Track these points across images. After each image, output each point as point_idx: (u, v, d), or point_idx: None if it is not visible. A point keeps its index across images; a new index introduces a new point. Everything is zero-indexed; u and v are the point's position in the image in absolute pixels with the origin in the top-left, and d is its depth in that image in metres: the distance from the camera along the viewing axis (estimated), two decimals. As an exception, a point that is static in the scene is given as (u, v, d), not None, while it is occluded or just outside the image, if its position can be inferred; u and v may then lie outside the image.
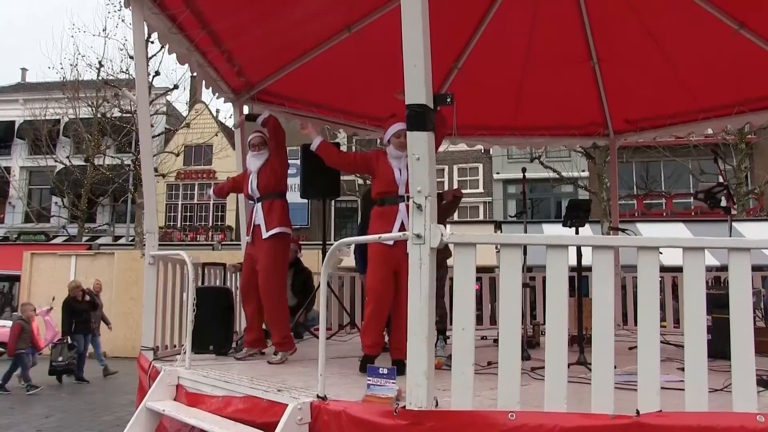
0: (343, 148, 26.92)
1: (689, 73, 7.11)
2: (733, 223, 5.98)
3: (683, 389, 2.95)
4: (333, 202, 27.68)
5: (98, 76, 23.60)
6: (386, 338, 4.91)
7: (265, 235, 5.46)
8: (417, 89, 3.11)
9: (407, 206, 4.07)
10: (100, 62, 23.62)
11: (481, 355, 5.17)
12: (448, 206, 6.07)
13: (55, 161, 26.63)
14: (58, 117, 27.63)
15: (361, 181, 28.32)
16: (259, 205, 5.59)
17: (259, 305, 5.56)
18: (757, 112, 7.56)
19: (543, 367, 3.06)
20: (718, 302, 4.88)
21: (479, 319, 9.02)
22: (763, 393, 3.68)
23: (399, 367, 3.57)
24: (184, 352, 4.93)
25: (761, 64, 6.64)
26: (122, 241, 27.17)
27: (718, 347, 3.62)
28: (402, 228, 4.47)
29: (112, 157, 25.77)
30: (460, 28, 7.05)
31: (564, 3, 6.64)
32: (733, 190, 19.73)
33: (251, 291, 5.58)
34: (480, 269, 7.54)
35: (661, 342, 3.55)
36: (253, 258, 5.57)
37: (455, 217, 28.22)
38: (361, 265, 6.49)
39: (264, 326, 5.83)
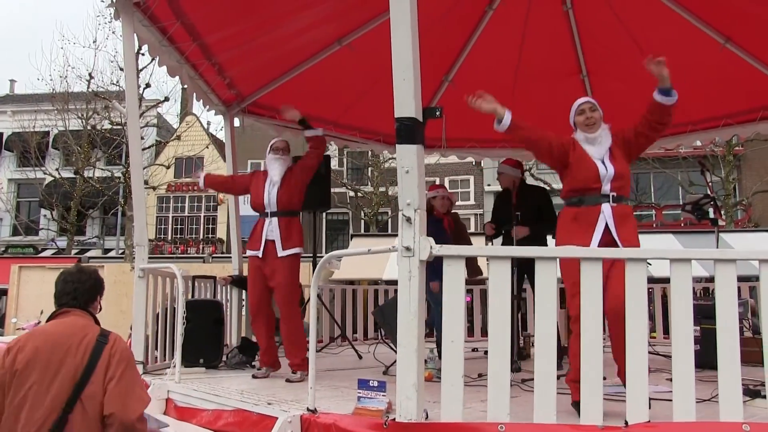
0: (334, 161, 27.08)
1: (678, 86, 7.08)
2: (722, 235, 6.03)
3: (671, 400, 2.97)
4: (324, 214, 27.68)
5: (88, 87, 23.55)
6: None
7: (281, 253, 5.22)
8: (406, 102, 3.14)
9: (613, 208, 3.74)
10: (90, 74, 23.58)
11: (473, 367, 5.18)
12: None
13: (44, 173, 26.52)
14: (47, 129, 27.55)
15: (352, 194, 28.36)
16: (275, 219, 5.31)
17: (270, 326, 5.38)
18: (744, 125, 7.64)
19: (533, 379, 3.08)
20: (706, 313, 4.92)
21: (470, 331, 9.03)
22: (750, 402, 3.71)
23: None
24: (174, 366, 4.91)
25: (747, 78, 6.72)
26: (112, 254, 27.04)
27: (707, 358, 3.64)
28: (607, 235, 3.70)
29: (102, 169, 25.67)
30: (451, 40, 7.10)
31: (554, 17, 6.68)
32: (721, 201, 19.88)
33: (263, 309, 5.34)
34: (472, 281, 7.58)
35: (651, 353, 3.58)
36: (263, 275, 5.31)
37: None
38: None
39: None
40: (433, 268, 3.28)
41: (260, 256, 5.29)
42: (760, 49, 6.47)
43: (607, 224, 3.70)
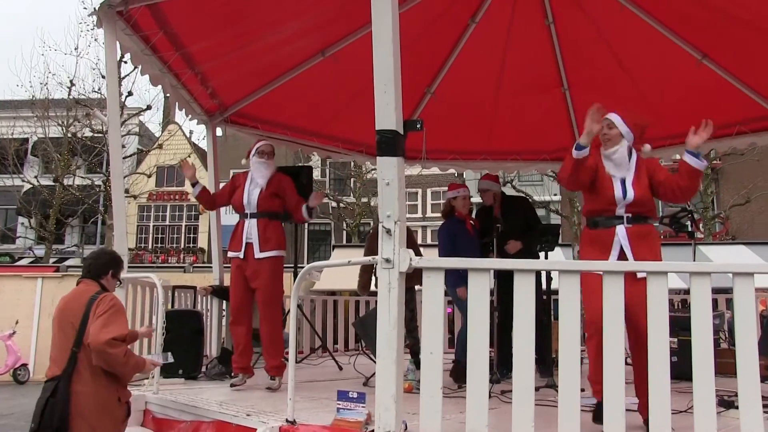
0: (316, 172, 27.07)
1: (657, 100, 7.27)
2: (701, 247, 6.11)
3: (648, 412, 2.99)
4: (306, 224, 27.65)
5: (69, 95, 23.33)
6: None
7: (258, 255, 5.23)
8: (387, 115, 3.15)
9: (628, 230, 3.72)
10: (71, 81, 23.37)
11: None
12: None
13: (23, 181, 26.23)
14: (26, 136, 27.29)
15: (334, 204, 28.36)
16: (254, 221, 5.32)
17: (249, 329, 5.34)
18: (720, 139, 7.74)
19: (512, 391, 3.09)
20: (683, 324, 4.97)
21: (451, 343, 9.04)
22: (724, 413, 3.76)
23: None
24: (153, 377, 4.88)
25: (723, 93, 6.83)
26: (92, 263, 26.72)
27: (684, 369, 3.68)
28: (621, 256, 3.68)
29: (82, 177, 25.46)
30: (433, 52, 7.14)
31: (536, 31, 6.76)
32: (699, 214, 20.11)
33: (244, 310, 5.33)
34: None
35: (630, 364, 3.61)
36: (244, 276, 5.29)
37: (428, 239, 28.39)
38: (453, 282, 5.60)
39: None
40: (459, 274, 3.26)
41: (241, 257, 5.30)
42: (734, 66, 6.59)
43: (622, 246, 3.68)
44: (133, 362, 3.76)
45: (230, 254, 5.40)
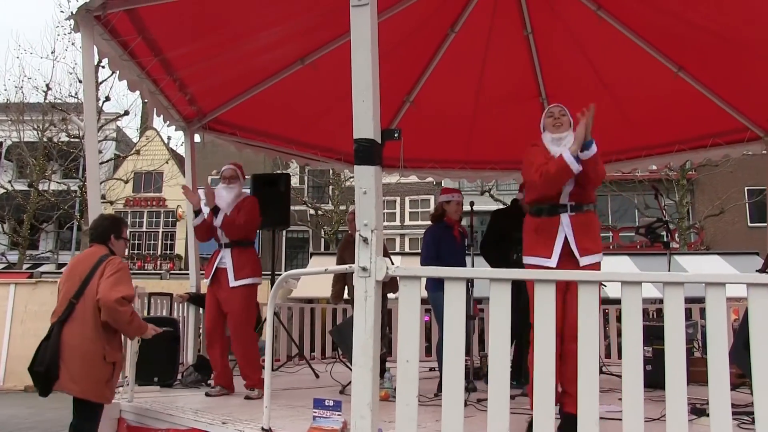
0: (295, 179, 27.00)
1: (634, 112, 7.37)
2: (676, 257, 6.18)
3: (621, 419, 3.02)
4: (284, 231, 27.57)
5: (45, 99, 23.02)
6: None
7: (233, 283, 5.29)
8: (365, 124, 3.16)
9: (572, 218, 3.83)
10: (47, 85, 23.06)
11: (429, 386, 5.22)
12: None
13: (-4, 185, 25.88)
14: (0, 140, 26.91)
15: (312, 212, 28.31)
16: (227, 250, 5.39)
17: (224, 349, 5.43)
18: (696, 150, 7.88)
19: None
20: (657, 333, 5.01)
21: (428, 351, 9.05)
22: (696, 421, 3.80)
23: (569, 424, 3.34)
24: (127, 384, 4.83)
25: (698, 105, 6.95)
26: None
27: (658, 378, 3.71)
28: (566, 246, 3.81)
29: (57, 182, 25.16)
30: (413, 62, 7.17)
31: (515, 41, 6.81)
32: (675, 224, 20.35)
33: (216, 334, 5.43)
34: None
35: (605, 373, 3.67)
36: (218, 300, 5.38)
37: (406, 248, 28.43)
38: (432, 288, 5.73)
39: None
40: (441, 282, 3.23)
41: (209, 284, 5.40)
42: (709, 79, 6.71)
43: (566, 236, 3.79)
44: (137, 323, 4.14)
45: (204, 281, 5.52)
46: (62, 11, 26.53)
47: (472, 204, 6.29)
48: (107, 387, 4.02)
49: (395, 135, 3.30)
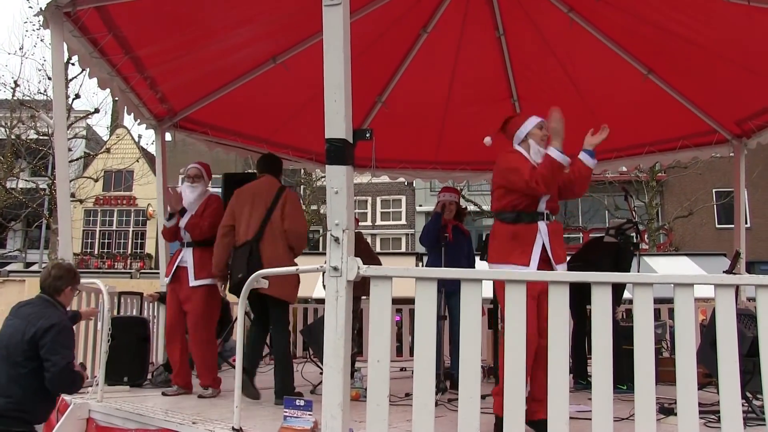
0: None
1: (604, 114, 7.42)
2: (646, 258, 6.26)
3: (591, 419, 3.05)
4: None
5: (13, 95, 22.64)
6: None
7: (193, 282, 5.30)
8: (336, 123, 3.16)
9: (549, 226, 3.88)
10: (15, 81, 22.74)
11: (400, 387, 5.21)
12: None
13: (-38, 183, 25.37)
14: (-34, 137, 26.40)
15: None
16: (189, 249, 5.41)
17: (184, 347, 5.42)
18: (665, 153, 7.98)
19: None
20: (627, 334, 5.07)
21: (399, 351, 9.06)
22: (664, 420, 3.85)
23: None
24: (97, 384, 4.77)
25: (668, 108, 7.04)
26: (35, 267, 26.01)
27: (629, 377, 3.76)
28: (544, 254, 3.84)
29: (26, 180, 24.75)
30: (385, 62, 7.17)
31: (487, 42, 6.84)
32: (644, 225, 20.60)
33: (176, 333, 5.43)
34: (401, 300, 7.65)
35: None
36: (178, 299, 5.39)
37: (377, 248, 28.41)
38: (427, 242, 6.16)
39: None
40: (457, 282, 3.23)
41: (169, 281, 5.44)
42: (678, 82, 6.79)
43: (543, 243, 3.81)
44: None
45: (164, 280, 5.56)
46: (31, 7, 26.09)
47: (443, 205, 6.30)
48: None
49: (367, 135, 3.30)
